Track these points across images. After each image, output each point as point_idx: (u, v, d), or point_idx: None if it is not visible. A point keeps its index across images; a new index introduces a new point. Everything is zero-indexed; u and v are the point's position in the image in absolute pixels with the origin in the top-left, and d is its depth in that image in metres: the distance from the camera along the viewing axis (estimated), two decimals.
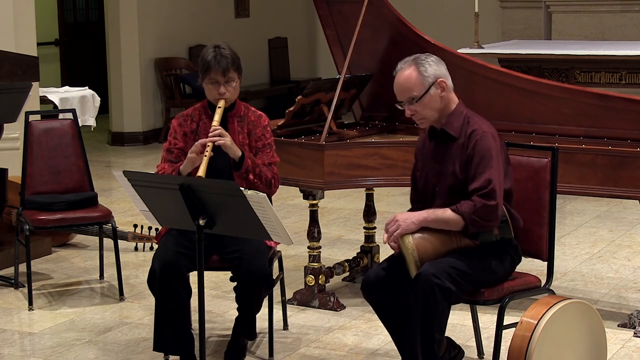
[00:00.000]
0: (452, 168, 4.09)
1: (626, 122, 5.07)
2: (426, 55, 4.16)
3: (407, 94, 4.10)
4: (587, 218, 7.38)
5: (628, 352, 4.73)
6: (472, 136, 4.05)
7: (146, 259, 6.32)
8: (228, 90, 4.54)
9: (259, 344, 4.86)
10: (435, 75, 4.09)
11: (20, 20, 6.91)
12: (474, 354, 4.67)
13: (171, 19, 11.32)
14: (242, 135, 4.62)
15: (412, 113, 4.13)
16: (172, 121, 4.72)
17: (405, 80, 4.10)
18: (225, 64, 4.51)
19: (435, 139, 4.20)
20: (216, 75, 4.52)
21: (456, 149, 4.10)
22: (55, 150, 5.81)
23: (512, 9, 11.57)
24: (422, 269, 3.95)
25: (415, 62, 4.11)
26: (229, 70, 4.53)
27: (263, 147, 4.63)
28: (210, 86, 4.56)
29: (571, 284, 5.80)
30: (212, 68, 4.52)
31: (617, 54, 7.99)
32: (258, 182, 4.49)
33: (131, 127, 11.01)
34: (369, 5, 5.35)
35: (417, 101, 4.09)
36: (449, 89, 4.13)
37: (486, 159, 4.00)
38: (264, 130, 4.65)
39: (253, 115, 4.67)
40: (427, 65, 4.10)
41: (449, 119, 4.13)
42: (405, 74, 4.11)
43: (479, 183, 3.98)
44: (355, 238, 6.69)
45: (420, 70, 4.08)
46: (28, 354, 4.87)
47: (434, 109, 4.11)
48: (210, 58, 4.52)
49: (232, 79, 4.55)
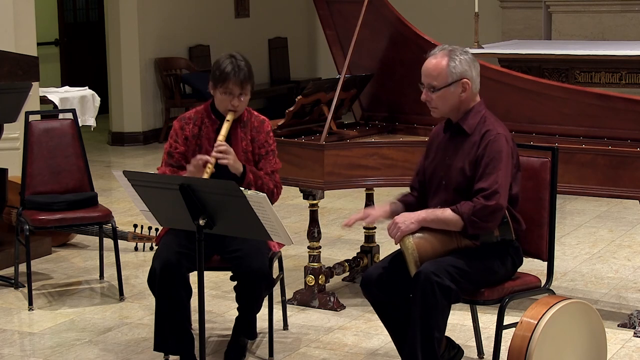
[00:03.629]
0: (461, 164, 4.09)
1: (626, 122, 5.08)
2: (463, 51, 4.13)
3: (429, 80, 4.11)
4: (587, 218, 7.38)
5: (628, 352, 4.73)
6: (486, 136, 4.05)
7: (146, 259, 6.32)
8: (240, 104, 4.52)
9: (259, 344, 4.86)
10: (462, 74, 4.08)
11: (20, 20, 6.92)
12: (474, 354, 4.67)
13: (171, 19, 11.32)
14: (245, 142, 4.60)
15: (427, 99, 4.14)
16: (173, 122, 4.69)
17: (433, 67, 4.10)
18: (243, 77, 4.47)
19: (450, 130, 4.21)
20: (234, 87, 4.48)
21: (468, 146, 4.10)
22: (55, 150, 5.81)
23: (512, 9, 11.57)
24: (422, 267, 3.96)
25: (449, 54, 4.09)
26: (247, 83, 4.50)
27: (266, 154, 4.62)
28: (223, 96, 4.51)
29: (571, 284, 5.80)
30: (230, 80, 4.46)
31: (617, 54, 7.99)
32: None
33: (131, 127, 11.01)
34: (369, 5, 5.35)
35: (435, 91, 4.10)
36: (471, 91, 4.11)
37: (496, 161, 3.99)
38: (267, 136, 4.64)
39: (256, 120, 4.65)
40: (457, 61, 4.08)
41: (466, 115, 4.13)
42: (435, 61, 4.10)
43: (485, 184, 3.98)
44: (355, 238, 6.69)
45: (450, 63, 4.07)
46: (28, 354, 4.87)
47: (449, 104, 4.11)
48: (230, 70, 4.46)
49: (247, 92, 4.53)
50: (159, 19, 11.16)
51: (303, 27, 13.54)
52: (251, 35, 12.52)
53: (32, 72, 6.19)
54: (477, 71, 4.14)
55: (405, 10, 6.09)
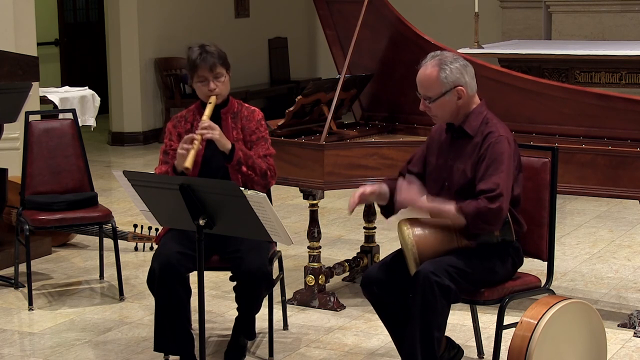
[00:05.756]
0: (463, 166, 4.10)
1: (626, 122, 5.07)
2: (454, 59, 4.10)
3: (423, 91, 4.12)
4: (587, 218, 7.38)
5: (628, 352, 4.73)
6: (488, 138, 4.05)
7: (146, 259, 6.32)
8: (217, 86, 4.54)
9: (259, 344, 4.86)
10: (455, 82, 4.06)
11: (20, 20, 6.92)
12: (474, 354, 4.67)
13: (171, 19, 11.32)
14: (235, 131, 4.62)
15: (425, 109, 4.15)
16: (167, 124, 4.73)
17: (425, 79, 4.10)
18: (211, 60, 4.52)
19: (452, 133, 4.21)
20: (204, 72, 4.53)
21: (470, 148, 4.10)
22: (55, 150, 5.81)
23: (512, 9, 11.57)
24: (421, 266, 3.96)
25: (439, 64, 4.07)
26: (216, 65, 4.53)
27: (257, 140, 4.62)
28: (199, 84, 4.57)
29: (571, 284, 5.80)
30: (198, 66, 4.53)
31: (617, 54, 7.99)
32: (252, 174, 4.48)
33: (131, 127, 11.01)
34: (369, 5, 5.35)
35: (431, 102, 4.10)
36: (467, 96, 4.10)
37: (497, 163, 3.99)
38: (258, 124, 4.65)
39: (246, 110, 4.68)
40: (448, 71, 4.06)
41: (468, 117, 4.12)
42: (427, 72, 4.09)
43: (487, 185, 3.97)
44: (355, 238, 6.69)
45: (440, 74, 4.06)
46: (28, 354, 4.87)
47: (447, 111, 4.12)
48: (196, 56, 4.54)
49: (221, 74, 4.55)
50: (159, 19, 11.16)
51: (303, 27, 13.54)
52: (251, 35, 12.52)
53: (32, 72, 6.19)
54: (471, 74, 4.12)
55: (405, 10, 6.09)
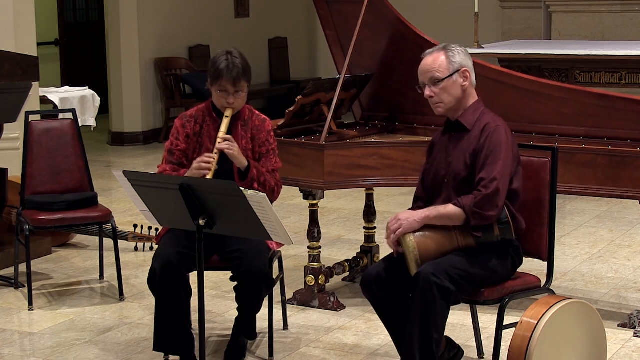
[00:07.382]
0: (462, 159, 4.12)
1: (626, 122, 5.07)
2: (456, 45, 4.26)
3: (430, 74, 4.17)
4: (587, 218, 7.38)
5: (628, 352, 4.73)
6: (486, 129, 4.11)
7: (146, 259, 6.32)
8: (236, 100, 4.53)
9: (259, 344, 4.86)
10: (462, 63, 4.18)
11: (20, 20, 6.92)
12: (474, 354, 4.67)
13: (171, 19, 11.32)
14: (245, 140, 4.61)
15: (431, 95, 4.18)
16: (175, 121, 4.70)
17: (432, 61, 4.18)
18: (236, 74, 4.49)
19: (449, 130, 4.24)
20: (227, 84, 4.50)
21: (468, 141, 4.14)
22: (55, 150, 5.81)
23: (512, 9, 11.57)
24: (422, 268, 3.96)
25: (445, 49, 4.22)
26: (240, 80, 4.51)
27: (267, 152, 4.62)
28: (219, 94, 4.54)
29: (571, 284, 5.80)
30: (223, 77, 4.48)
31: (617, 54, 7.99)
32: (262, 190, 4.47)
33: (131, 127, 11.01)
34: (369, 5, 5.35)
35: (439, 82, 4.14)
36: (470, 82, 4.20)
37: (496, 152, 4.04)
38: (268, 135, 4.65)
39: (257, 119, 4.66)
40: (455, 52, 4.20)
41: (466, 111, 4.19)
42: (433, 56, 4.21)
43: (484, 174, 4.01)
44: (355, 238, 6.69)
45: (448, 55, 4.18)
46: (28, 354, 4.87)
47: (453, 95, 4.16)
48: (223, 67, 4.48)
49: (242, 89, 4.54)
50: (159, 19, 11.16)
51: (303, 27, 13.55)
52: (251, 35, 12.53)
53: (32, 72, 6.19)
54: (472, 65, 4.24)
55: (405, 10, 6.08)
